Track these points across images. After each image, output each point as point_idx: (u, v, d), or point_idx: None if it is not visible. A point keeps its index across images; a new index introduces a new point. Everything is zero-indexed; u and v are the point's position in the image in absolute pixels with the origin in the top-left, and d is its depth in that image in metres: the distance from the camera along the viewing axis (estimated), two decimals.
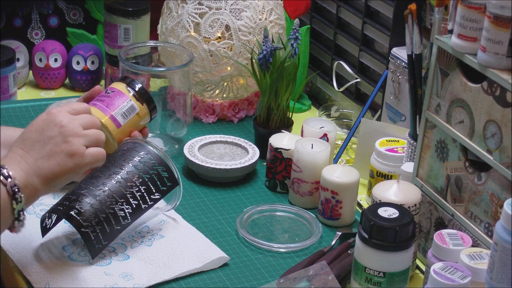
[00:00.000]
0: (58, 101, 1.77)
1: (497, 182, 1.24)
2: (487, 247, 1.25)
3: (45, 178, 1.21)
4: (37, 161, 1.20)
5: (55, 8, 1.96)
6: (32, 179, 1.19)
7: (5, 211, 1.16)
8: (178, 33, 1.73)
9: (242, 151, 1.64)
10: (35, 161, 1.20)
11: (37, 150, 1.21)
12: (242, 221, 1.46)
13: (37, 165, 1.20)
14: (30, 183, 1.19)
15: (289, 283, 1.28)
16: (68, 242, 1.36)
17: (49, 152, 1.21)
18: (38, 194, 1.22)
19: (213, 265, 1.36)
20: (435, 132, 1.35)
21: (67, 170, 1.23)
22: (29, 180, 1.19)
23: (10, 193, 1.16)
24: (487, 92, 1.23)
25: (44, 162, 1.21)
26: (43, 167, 1.20)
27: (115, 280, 1.29)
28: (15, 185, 1.16)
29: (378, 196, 1.31)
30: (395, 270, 1.24)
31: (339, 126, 1.74)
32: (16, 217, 1.17)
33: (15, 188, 1.16)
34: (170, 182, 1.36)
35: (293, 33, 1.64)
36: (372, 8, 1.73)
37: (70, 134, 1.23)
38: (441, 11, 1.35)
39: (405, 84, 1.60)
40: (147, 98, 1.43)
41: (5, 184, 1.15)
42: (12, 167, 1.18)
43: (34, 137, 1.22)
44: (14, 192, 1.16)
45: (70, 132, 1.23)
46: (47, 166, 1.21)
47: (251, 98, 1.83)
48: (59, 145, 1.22)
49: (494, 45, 1.20)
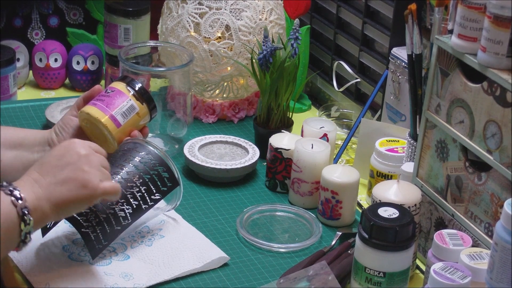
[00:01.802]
0: (58, 101, 1.77)
1: (497, 182, 1.24)
2: (487, 247, 1.25)
3: (55, 204, 1.20)
4: (50, 186, 1.19)
5: (55, 8, 1.96)
6: (43, 203, 1.18)
7: (13, 231, 1.16)
8: (178, 33, 1.73)
9: (242, 151, 1.64)
10: (49, 185, 1.19)
11: (52, 175, 1.20)
12: (242, 221, 1.46)
13: (50, 190, 1.19)
14: (40, 206, 1.18)
15: (289, 283, 1.28)
16: (68, 242, 1.36)
17: (64, 178, 1.20)
18: (46, 219, 1.21)
19: (213, 265, 1.36)
20: (435, 132, 1.35)
21: (78, 199, 1.21)
22: (39, 204, 1.18)
23: (20, 215, 1.16)
24: (487, 92, 1.23)
25: (57, 188, 1.19)
26: (55, 192, 1.19)
27: (115, 280, 1.29)
28: (25, 207, 1.16)
29: (378, 196, 1.31)
30: (395, 270, 1.24)
31: (339, 126, 1.74)
32: (22, 239, 1.17)
33: (25, 210, 1.16)
34: (171, 183, 1.36)
35: (293, 33, 1.64)
36: (372, 8, 1.73)
37: (88, 164, 1.22)
38: (441, 11, 1.35)
39: (405, 84, 1.60)
40: (147, 97, 1.43)
41: (16, 205, 1.15)
42: (25, 189, 1.17)
43: (53, 162, 1.22)
44: (24, 214, 1.16)
45: (88, 162, 1.22)
46: (59, 192, 1.19)
47: (251, 98, 1.83)
48: (75, 172, 1.21)
49: (494, 45, 1.20)
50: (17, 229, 1.16)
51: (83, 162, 1.22)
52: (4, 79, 1.79)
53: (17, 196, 1.16)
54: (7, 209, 1.14)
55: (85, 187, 1.21)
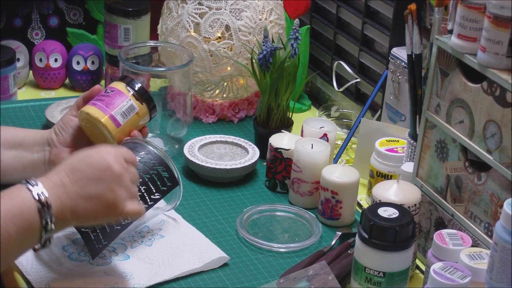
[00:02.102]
0: (58, 101, 1.77)
1: (497, 182, 1.24)
2: (487, 247, 1.25)
3: (77, 218, 1.19)
4: (76, 198, 1.18)
5: (55, 8, 1.96)
6: (66, 214, 1.18)
7: (33, 237, 1.15)
8: (178, 33, 1.73)
9: (242, 151, 1.64)
10: (75, 196, 1.18)
11: (82, 186, 1.19)
12: (242, 221, 1.46)
13: (76, 203, 1.18)
14: (63, 216, 1.18)
15: (289, 283, 1.28)
16: (68, 242, 1.36)
17: (92, 195, 1.19)
18: (65, 227, 1.21)
19: (213, 265, 1.36)
20: (435, 132, 1.35)
21: (100, 217, 1.21)
22: (63, 214, 1.17)
23: (43, 225, 1.15)
24: (487, 92, 1.23)
25: (82, 202, 1.18)
26: (80, 207, 1.18)
27: (115, 280, 1.29)
28: (50, 217, 1.16)
29: (378, 196, 1.31)
30: (395, 270, 1.24)
31: (339, 126, 1.74)
32: (42, 244, 1.17)
33: (49, 220, 1.15)
34: (170, 182, 1.36)
35: (293, 33, 1.64)
36: (372, 8, 1.73)
37: (119, 184, 1.21)
38: (441, 11, 1.35)
39: (405, 84, 1.60)
40: (146, 97, 1.43)
41: (42, 215, 1.14)
42: (53, 195, 1.16)
43: (86, 171, 1.20)
44: (47, 223, 1.16)
45: (120, 182, 1.21)
46: (83, 207, 1.19)
47: (251, 98, 1.83)
48: (104, 192, 1.19)
49: (494, 45, 1.20)
50: (36, 236, 1.15)
51: (115, 182, 1.20)
52: (4, 79, 1.79)
53: (45, 204, 1.15)
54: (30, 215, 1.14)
55: (110, 208, 1.20)
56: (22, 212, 1.13)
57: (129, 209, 1.22)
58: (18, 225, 1.12)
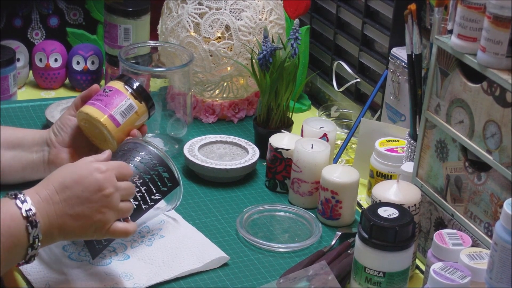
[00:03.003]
0: (58, 101, 1.77)
1: (497, 182, 1.24)
2: (487, 247, 1.25)
3: (64, 235, 1.20)
4: (64, 216, 1.18)
5: (55, 8, 1.96)
6: (53, 231, 1.18)
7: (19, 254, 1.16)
8: (178, 33, 1.73)
9: (242, 151, 1.64)
10: (63, 216, 1.18)
11: (71, 205, 1.19)
12: (242, 221, 1.46)
13: (64, 220, 1.18)
14: (50, 233, 1.18)
15: (289, 283, 1.28)
16: (68, 242, 1.36)
17: (80, 213, 1.19)
18: (51, 243, 1.22)
19: (213, 265, 1.36)
20: (435, 132, 1.35)
21: (87, 234, 1.22)
22: (51, 231, 1.18)
23: (30, 242, 1.16)
24: (487, 92, 1.23)
25: (70, 221, 1.19)
26: (67, 224, 1.19)
27: (115, 280, 1.29)
28: (37, 235, 1.16)
29: (378, 196, 1.31)
30: (394, 270, 1.24)
31: (339, 126, 1.74)
32: (26, 261, 1.17)
33: (36, 237, 1.16)
34: (171, 183, 1.36)
35: (293, 33, 1.64)
36: (372, 8, 1.73)
37: (108, 206, 1.21)
38: (441, 11, 1.35)
39: (405, 84, 1.60)
40: (145, 96, 1.43)
41: (30, 233, 1.15)
42: (41, 211, 1.17)
43: (76, 190, 1.20)
44: (34, 241, 1.16)
45: (109, 203, 1.21)
46: (70, 225, 1.19)
47: (251, 98, 1.83)
48: (92, 213, 1.20)
49: (494, 45, 1.20)
50: (22, 252, 1.16)
51: (104, 204, 1.21)
52: (4, 79, 1.79)
53: (32, 223, 1.15)
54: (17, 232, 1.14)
55: (98, 227, 1.21)
56: (10, 229, 1.13)
57: (116, 228, 1.23)
58: (4, 242, 1.12)
